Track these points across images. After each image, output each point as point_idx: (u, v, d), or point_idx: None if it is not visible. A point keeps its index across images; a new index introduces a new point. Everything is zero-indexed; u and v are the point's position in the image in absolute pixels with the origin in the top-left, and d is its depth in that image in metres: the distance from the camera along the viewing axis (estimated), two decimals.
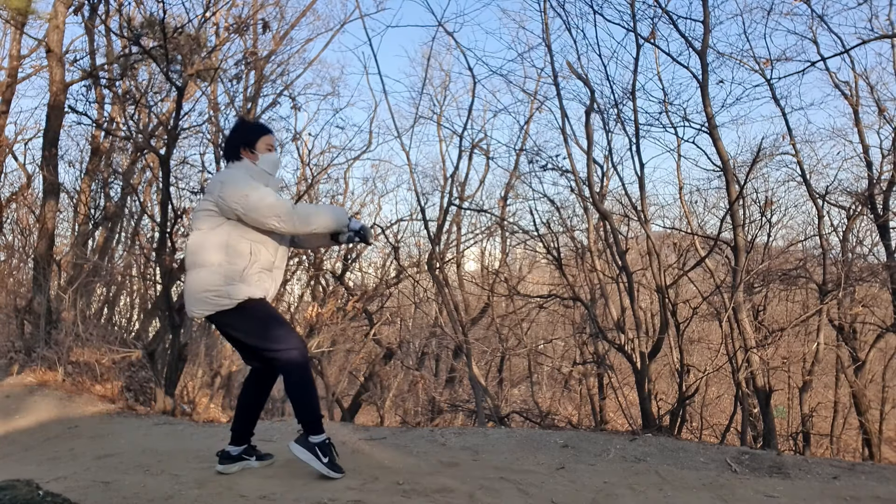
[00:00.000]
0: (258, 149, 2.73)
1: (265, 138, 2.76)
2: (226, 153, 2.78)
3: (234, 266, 2.55)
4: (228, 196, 2.52)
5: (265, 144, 2.75)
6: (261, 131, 2.78)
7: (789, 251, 7.84)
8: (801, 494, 2.63)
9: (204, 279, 2.55)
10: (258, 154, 2.73)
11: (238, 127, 2.85)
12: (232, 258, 2.56)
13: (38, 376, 5.73)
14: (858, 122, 7.21)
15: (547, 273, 12.60)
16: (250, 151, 2.72)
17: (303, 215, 2.59)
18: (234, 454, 2.78)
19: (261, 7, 8.99)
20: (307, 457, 2.60)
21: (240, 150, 2.71)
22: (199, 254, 2.58)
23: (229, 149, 2.75)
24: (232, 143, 2.75)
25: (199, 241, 2.59)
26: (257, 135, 2.75)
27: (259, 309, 2.60)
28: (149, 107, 7.53)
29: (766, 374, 5.24)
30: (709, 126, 5.27)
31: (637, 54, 5.39)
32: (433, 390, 9.96)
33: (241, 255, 2.57)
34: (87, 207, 9.57)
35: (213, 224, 2.58)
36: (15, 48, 9.49)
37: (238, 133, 2.78)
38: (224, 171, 2.73)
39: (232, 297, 2.53)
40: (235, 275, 2.55)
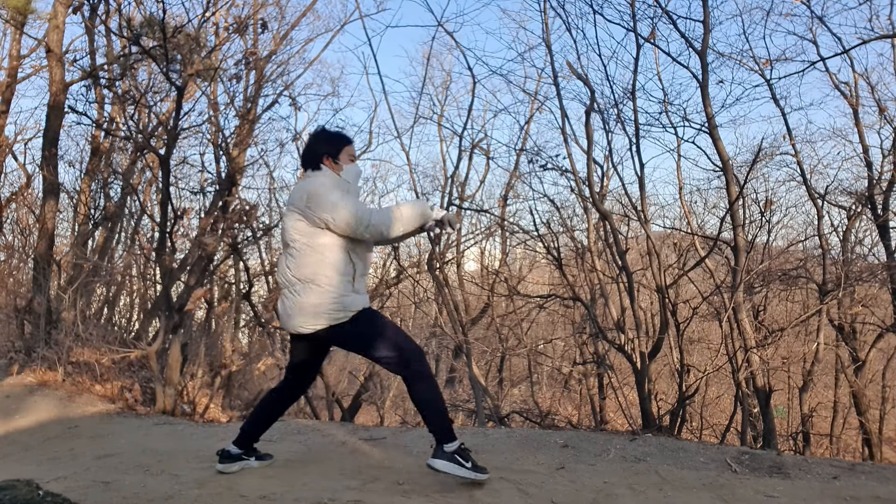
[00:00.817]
0: (341, 159, 2.67)
1: (348, 148, 2.70)
2: (305, 161, 2.68)
3: (345, 277, 2.51)
4: (316, 206, 2.47)
5: (348, 155, 2.69)
6: (344, 141, 2.71)
7: (789, 251, 7.84)
8: (801, 494, 2.63)
9: (317, 293, 2.48)
10: (341, 164, 2.66)
11: (320, 135, 2.73)
12: (342, 270, 2.51)
13: (38, 376, 5.73)
14: (858, 123, 7.21)
15: (547, 273, 12.61)
16: (333, 161, 2.65)
17: (390, 221, 2.52)
18: (234, 454, 2.77)
19: (261, 7, 8.99)
20: (450, 468, 2.50)
21: (322, 160, 2.64)
22: (307, 267, 2.51)
23: (310, 157, 2.66)
24: (313, 151, 2.66)
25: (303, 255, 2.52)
26: (341, 144, 2.68)
27: (374, 318, 2.57)
28: (149, 107, 7.53)
29: (766, 374, 5.24)
30: (709, 126, 5.27)
31: (637, 54, 5.40)
32: None
33: (348, 266, 2.53)
34: (87, 207, 9.56)
35: (311, 236, 2.52)
36: (15, 48, 9.49)
37: (321, 142, 2.68)
38: (308, 180, 2.62)
39: (348, 308, 2.49)
40: (348, 286, 2.51)
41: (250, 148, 8.37)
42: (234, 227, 6.24)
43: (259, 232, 7.01)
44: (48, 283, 6.80)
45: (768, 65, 6.13)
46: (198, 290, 5.93)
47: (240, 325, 10.70)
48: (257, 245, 9.46)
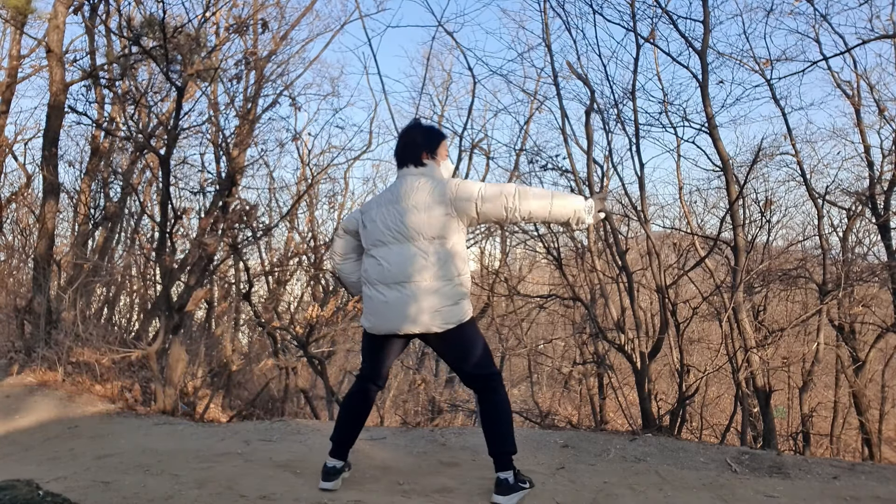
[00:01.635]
0: (439, 154, 2.62)
1: (444, 143, 2.66)
2: (405, 156, 2.60)
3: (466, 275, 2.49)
4: (465, 187, 2.43)
5: (444, 150, 2.66)
6: (441, 137, 2.67)
7: (789, 251, 7.83)
8: (801, 494, 2.63)
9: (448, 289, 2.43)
10: (439, 160, 2.61)
11: (419, 130, 2.67)
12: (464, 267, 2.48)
13: (38, 376, 5.72)
14: (860, 122, 7.21)
15: (547, 273, 12.60)
16: (432, 157, 2.60)
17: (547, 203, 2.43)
18: (338, 468, 2.60)
19: (261, 7, 8.99)
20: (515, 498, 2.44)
21: (423, 155, 2.58)
22: (442, 264, 2.44)
23: (410, 152, 2.60)
24: (415, 146, 2.60)
25: (443, 251, 2.45)
26: (439, 140, 2.64)
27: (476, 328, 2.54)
28: (149, 107, 7.52)
29: (766, 374, 5.23)
30: (709, 126, 5.27)
31: (637, 54, 5.39)
32: (433, 390, 9.95)
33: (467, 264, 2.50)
34: (87, 207, 9.56)
35: (449, 233, 2.46)
36: (15, 48, 9.49)
37: (422, 137, 2.63)
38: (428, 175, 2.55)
39: (465, 313, 2.46)
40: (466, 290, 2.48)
41: (250, 148, 8.37)
42: (234, 227, 6.23)
43: (259, 232, 7.01)
44: (48, 283, 6.79)
45: (769, 65, 6.13)
46: (198, 290, 5.92)
47: (240, 325, 10.70)
48: (257, 245, 9.46)
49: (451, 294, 2.43)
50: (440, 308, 2.41)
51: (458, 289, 2.45)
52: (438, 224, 2.44)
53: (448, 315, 2.42)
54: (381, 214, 2.54)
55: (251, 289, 8.10)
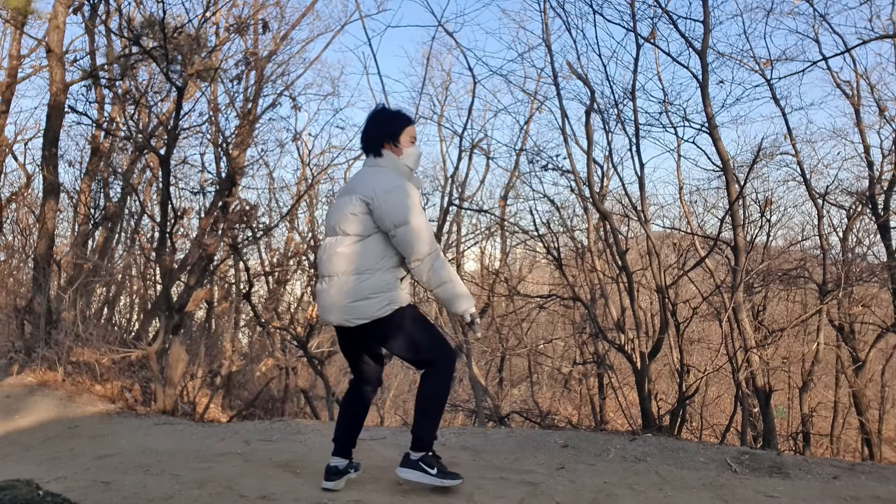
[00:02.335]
0: (402, 142, 2.50)
1: (408, 129, 2.52)
2: (366, 146, 2.54)
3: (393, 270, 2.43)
4: (390, 211, 2.35)
5: (409, 136, 2.51)
6: (404, 121, 2.53)
7: (789, 251, 7.84)
8: (801, 494, 2.63)
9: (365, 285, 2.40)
10: (402, 148, 2.50)
11: (378, 117, 2.56)
12: (392, 262, 2.43)
13: (38, 376, 5.73)
14: (860, 122, 7.21)
15: (547, 273, 12.59)
16: (394, 145, 2.49)
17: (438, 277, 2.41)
18: (341, 468, 2.59)
19: (261, 7, 8.99)
20: (416, 476, 2.49)
21: (382, 144, 2.49)
22: (354, 260, 2.41)
23: (370, 141, 2.52)
24: (372, 134, 2.51)
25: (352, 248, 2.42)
26: (401, 126, 2.51)
27: (416, 315, 2.49)
28: (149, 107, 7.53)
29: (766, 374, 5.24)
30: (709, 126, 5.27)
31: (637, 54, 5.39)
32: None
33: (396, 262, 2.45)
34: (87, 207, 9.56)
35: (366, 229, 2.41)
36: (15, 48, 9.49)
37: (379, 124, 2.53)
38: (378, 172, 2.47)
39: (393, 302, 2.41)
40: (394, 280, 2.43)
41: (250, 148, 8.37)
42: (234, 227, 6.24)
43: (259, 232, 7.01)
44: (48, 283, 6.79)
45: (769, 65, 6.13)
46: (198, 290, 5.93)
47: (240, 325, 10.70)
48: (257, 245, 9.46)
49: (360, 290, 2.39)
50: (348, 304, 2.40)
51: (367, 284, 2.39)
52: (354, 217, 2.41)
53: (358, 310, 2.39)
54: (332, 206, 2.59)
55: (251, 289, 8.10)
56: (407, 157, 2.51)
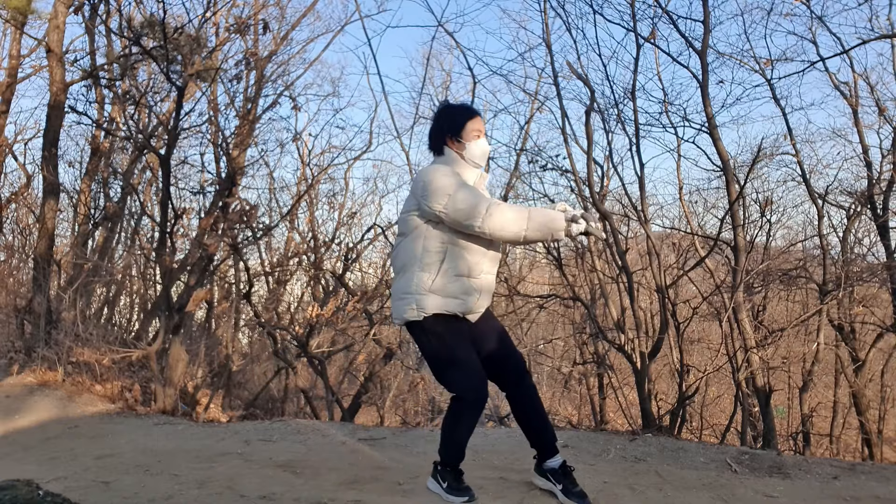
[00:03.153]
0: (465, 137, 2.39)
1: (472, 123, 2.40)
2: (430, 145, 2.47)
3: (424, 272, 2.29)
4: (432, 198, 2.25)
5: (473, 131, 2.40)
6: (468, 115, 2.42)
7: (789, 251, 7.84)
8: (801, 494, 2.63)
9: (398, 285, 2.36)
10: (465, 143, 2.39)
11: (442, 113, 2.48)
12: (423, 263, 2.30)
13: (38, 376, 5.72)
14: (858, 122, 7.20)
15: (547, 273, 12.59)
16: (456, 140, 2.39)
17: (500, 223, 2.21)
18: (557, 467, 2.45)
19: (262, 7, 8.99)
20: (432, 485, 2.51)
21: (445, 141, 2.40)
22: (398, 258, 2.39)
23: (433, 140, 2.44)
24: (436, 133, 2.43)
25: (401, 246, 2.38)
26: (464, 120, 2.40)
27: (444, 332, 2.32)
28: (149, 107, 7.52)
29: (766, 374, 5.24)
30: (709, 126, 5.27)
31: (637, 54, 5.39)
32: (433, 390, 9.95)
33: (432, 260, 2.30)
34: (87, 207, 9.56)
35: (408, 228, 2.36)
36: (15, 48, 9.48)
37: (442, 120, 2.44)
38: (427, 168, 2.39)
39: (419, 307, 2.28)
40: (424, 283, 2.28)
41: (250, 148, 8.38)
42: (234, 227, 6.24)
43: (259, 232, 7.01)
44: (48, 283, 6.79)
45: (769, 65, 6.13)
46: (198, 290, 5.92)
47: (240, 325, 10.70)
48: (257, 245, 9.46)
49: (397, 290, 2.37)
50: (393, 303, 2.41)
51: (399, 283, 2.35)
52: (406, 216, 2.38)
53: (395, 311, 2.39)
54: None
55: (251, 289, 8.10)
56: (471, 153, 2.39)
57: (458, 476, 2.47)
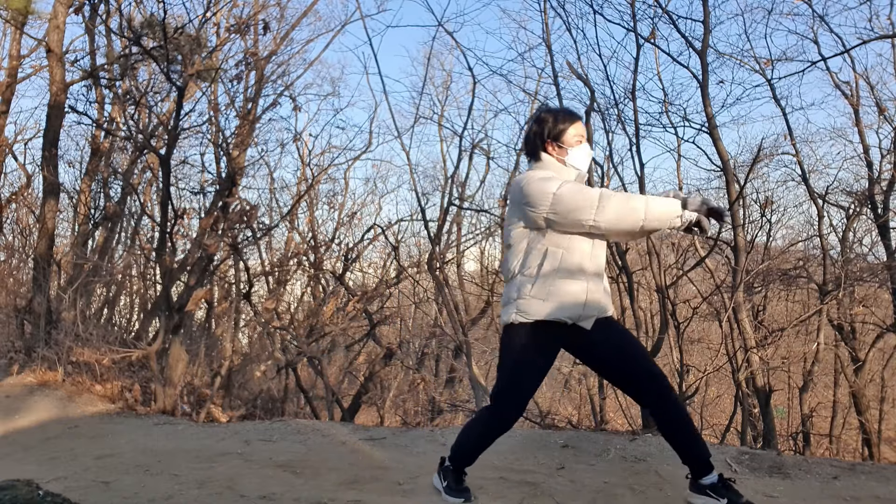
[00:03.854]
0: (566, 142, 2.28)
1: (575, 127, 2.30)
2: (527, 151, 2.35)
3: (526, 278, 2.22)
4: (535, 203, 2.16)
5: (576, 136, 2.29)
6: (570, 119, 2.31)
7: (789, 251, 7.84)
8: (801, 494, 2.63)
9: (505, 291, 2.32)
10: (566, 149, 2.28)
11: (540, 117, 2.36)
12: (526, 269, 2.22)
13: (38, 376, 5.72)
14: (859, 122, 7.21)
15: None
16: (557, 146, 2.29)
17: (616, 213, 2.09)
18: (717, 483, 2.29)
19: (262, 7, 8.98)
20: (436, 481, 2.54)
21: (544, 146, 2.30)
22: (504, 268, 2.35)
23: (530, 145, 2.33)
24: (534, 137, 2.32)
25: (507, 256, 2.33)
26: (566, 124, 2.29)
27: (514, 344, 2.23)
28: (149, 107, 7.53)
29: (766, 374, 5.24)
30: (709, 126, 5.27)
31: (637, 54, 5.39)
32: (433, 390, 9.95)
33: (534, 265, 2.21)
34: (87, 207, 9.56)
35: (508, 238, 2.30)
36: (15, 48, 9.48)
37: (542, 125, 2.31)
38: (522, 175, 2.30)
39: (523, 312, 2.20)
40: (527, 289, 2.20)
41: (250, 148, 8.37)
42: (234, 227, 6.24)
43: (259, 232, 7.01)
44: (48, 283, 6.79)
45: (769, 64, 6.14)
46: (198, 290, 5.92)
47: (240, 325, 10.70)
48: (257, 245, 9.45)
49: (504, 295, 2.35)
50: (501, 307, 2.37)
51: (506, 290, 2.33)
52: (507, 232, 2.32)
53: (501, 313, 2.34)
54: None
55: (251, 289, 8.10)
56: (573, 158, 2.28)
57: (460, 477, 2.47)
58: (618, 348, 2.29)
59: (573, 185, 2.18)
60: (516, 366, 2.26)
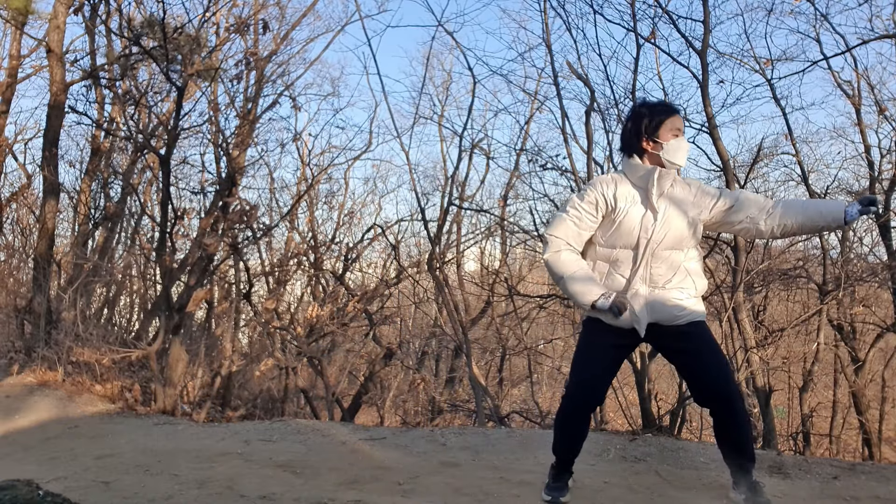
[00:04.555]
0: (662, 136, 2.26)
1: (671, 121, 2.27)
2: (622, 146, 2.37)
3: None
4: None
5: (672, 129, 2.27)
6: (663, 113, 2.28)
7: (789, 251, 7.83)
8: (801, 494, 2.63)
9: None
10: (662, 143, 2.25)
11: (635, 112, 2.35)
12: None
13: (38, 376, 5.72)
14: (860, 122, 7.19)
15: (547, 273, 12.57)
16: (653, 141, 2.27)
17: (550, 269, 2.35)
18: None
19: (262, 7, 8.98)
20: None
21: (640, 141, 2.28)
22: None
23: (626, 140, 2.34)
24: (630, 134, 2.32)
25: None
26: (662, 118, 2.27)
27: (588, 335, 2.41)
28: (149, 107, 7.53)
29: (766, 374, 5.24)
30: (709, 126, 5.27)
31: (637, 54, 5.40)
32: (433, 390, 9.96)
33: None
34: (87, 207, 9.56)
35: None
36: (15, 48, 9.48)
37: (635, 119, 2.31)
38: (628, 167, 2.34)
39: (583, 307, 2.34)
40: None
41: (250, 148, 8.37)
42: (234, 227, 6.24)
43: (259, 232, 7.01)
44: (48, 283, 6.79)
45: (769, 64, 6.13)
46: (198, 290, 5.93)
47: (240, 325, 10.70)
48: (257, 245, 9.46)
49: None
50: None
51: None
52: None
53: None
54: None
55: (251, 289, 8.11)
56: (668, 153, 2.25)
57: (557, 474, 2.48)
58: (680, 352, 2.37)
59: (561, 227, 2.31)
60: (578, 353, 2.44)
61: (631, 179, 2.30)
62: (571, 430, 2.43)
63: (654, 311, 2.29)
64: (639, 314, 2.27)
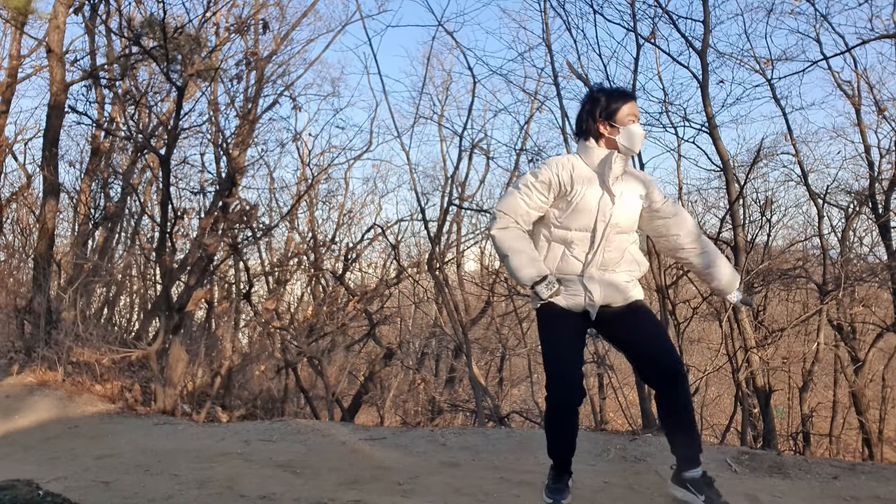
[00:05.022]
0: (619, 121, 2.23)
1: (629, 107, 2.25)
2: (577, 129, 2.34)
3: None
4: None
5: (629, 115, 2.25)
6: (624, 98, 2.27)
7: (789, 251, 7.83)
8: (801, 494, 2.63)
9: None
10: (618, 127, 2.23)
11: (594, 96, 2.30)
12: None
13: (38, 376, 5.72)
14: (860, 122, 7.19)
15: None
16: (609, 125, 2.24)
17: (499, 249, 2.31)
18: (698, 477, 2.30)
19: (262, 7, 8.98)
20: None
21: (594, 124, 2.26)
22: None
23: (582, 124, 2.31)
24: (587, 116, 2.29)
25: None
26: (619, 103, 2.25)
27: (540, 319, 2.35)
28: (149, 107, 7.53)
29: (766, 374, 5.23)
30: (709, 126, 5.27)
31: (637, 54, 5.39)
32: (433, 390, 9.95)
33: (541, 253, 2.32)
34: (87, 207, 9.56)
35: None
36: (15, 48, 9.48)
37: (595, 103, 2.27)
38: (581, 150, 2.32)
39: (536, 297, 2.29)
40: None
41: (250, 148, 8.37)
42: (234, 227, 6.24)
43: (259, 232, 7.01)
44: (48, 283, 6.79)
45: (769, 64, 6.13)
46: (198, 290, 5.93)
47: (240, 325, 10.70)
48: (257, 245, 9.46)
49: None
50: None
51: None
52: None
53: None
54: None
55: (251, 289, 8.10)
56: (625, 137, 2.24)
57: (557, 475, 2.43)
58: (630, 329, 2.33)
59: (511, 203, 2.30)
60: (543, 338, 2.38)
61: (586, 162, 2.28)
62: (562, 429, 2.39)
63: (607, 295, 2.28)
64: (595, 298, 2.26)
